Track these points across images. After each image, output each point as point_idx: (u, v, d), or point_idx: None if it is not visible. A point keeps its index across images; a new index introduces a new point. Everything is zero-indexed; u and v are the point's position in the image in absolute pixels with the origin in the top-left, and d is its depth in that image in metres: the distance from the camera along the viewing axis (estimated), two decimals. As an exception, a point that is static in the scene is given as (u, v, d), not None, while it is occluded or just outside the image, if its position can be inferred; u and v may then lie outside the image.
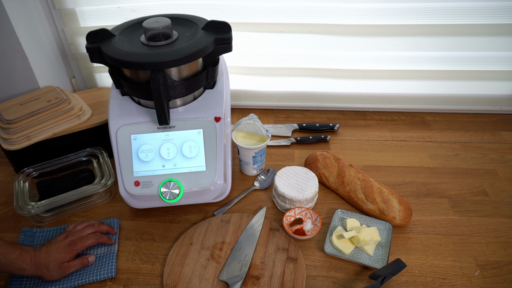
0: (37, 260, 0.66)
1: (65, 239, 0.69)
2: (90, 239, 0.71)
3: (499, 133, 1.03)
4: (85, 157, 0.88)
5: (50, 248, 0.67)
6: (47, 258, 0.66)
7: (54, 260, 0.66)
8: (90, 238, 0.71)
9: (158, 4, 0.96)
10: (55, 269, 0.66)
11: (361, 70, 1.04)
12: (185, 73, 0.72)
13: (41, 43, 0.99)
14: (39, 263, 0.65)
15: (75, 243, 0.69)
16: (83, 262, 0.70)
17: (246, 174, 0.91)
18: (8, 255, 0.63)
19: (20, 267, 0.64)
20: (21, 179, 0.82)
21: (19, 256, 0.64)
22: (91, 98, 0.98)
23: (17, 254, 0.64)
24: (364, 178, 0.81)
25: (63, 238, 0.70)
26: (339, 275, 0.69)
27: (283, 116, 1.11)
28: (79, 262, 0.69)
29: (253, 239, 0.74)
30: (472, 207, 0.82)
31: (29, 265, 0.65)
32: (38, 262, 0.65)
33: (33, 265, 0.65)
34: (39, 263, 0.65)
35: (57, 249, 0.67)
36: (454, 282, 0.68)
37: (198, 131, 0.75)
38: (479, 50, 0.98)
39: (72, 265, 0.68)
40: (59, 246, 0.68)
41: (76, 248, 0.69)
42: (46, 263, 0.66)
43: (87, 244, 0.71)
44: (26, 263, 0.64)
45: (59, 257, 0.67)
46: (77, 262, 0.69)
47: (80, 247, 0.70)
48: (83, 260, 0.70)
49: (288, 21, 0.96)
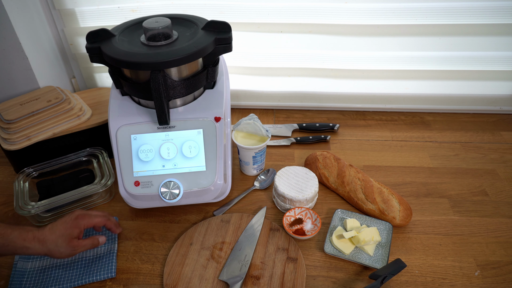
0: (41, 237, 0.63)
1: (72, 214, 0.67)
2: (98, 217, 0.68)
3: (499, 133, 1.03)
4: (85, 157, 0.88)
5: (56, 224, 0.65)
6: (53, 234, 0.63)
7: (62, 235, 0.63)
8: (98, 216, 0.69)
9: (158, 4, 0.96)
10: (63, 245, 0.63)
11: (361, 70, 1.04)
12: (185, 73, 0.72)
13: (41, 43, 0.99)
14: (44, 240, 0.62)
15: (82, 218, 0.66)
16: (94, 242, 0.67)
17: (246, 174, 0.91)
18: (6, 235, 0.61)
19: (22, 246, 0.61)
20: (21, 179, 0.82)
21: (19, 235, 0.61)
22: (91, 98, 0.98)
23: (17, 234, 0.61)
24: (364, 178, 0.81)
25: (70, 213, 0.67)
26: (339, 275, 0.69)
27: (283, 116, 1.11)
28: (90, 242, 0.67)
29: (253, 239, 0.74)
30: (472, 207, 0.82)
31: (32, 242, 0.62)
32: (43, 239, 0.62)
33: (37, 242, 0.62)
34: (43, 239, 0.62)
35: (63, 224, 0.65)
36: (454, 282, 0.68)
37: (198, 131, 0.75)
38: (479, 50, 0.98)
39: (82, 244, 0.66)
40: (65, 221, 0.65)
41: (83, 223, 0.66)
42: (53, 240, 0.63)
43: (94, 222, 0.67)
44: (28, 241, 0.62)
45: (66, 232, 0.64)
46: (87, 241, 0.67)
47: (87, 222, 0.66)
48: (94, 240, 0.67)
49: (288, 21, 0.96)
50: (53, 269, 0.70)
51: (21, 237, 0.61)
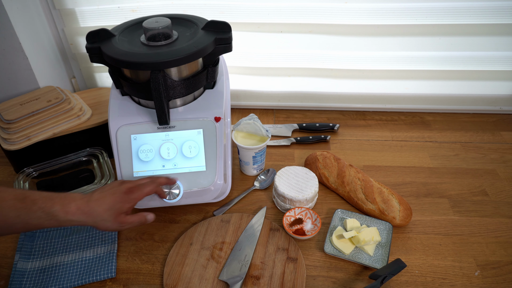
0: (87, 209, 0.59)
1: (120, 186, 0.63)
2: (148, 186, 0.65)
3: (499, 133, 1.03)
4: (85, 157, 0.88)
5: (104, 195, 0.61)
6: (100, 206, 0.60)
7: (110, 209, 0.60)
8: (148, 185, 0.65)
9: (158, 4, 0.96)
10: (110, 219, 0.60)
11: (361, 70, 1.04)
12: (185, 73, 0.72)
13: (41, 43, 0.99)
14: (89, 213, 0.59)
15: (132, 191, 0.63)
16: (141, 219, 0.64)
17: (246, 174, 0.91)
18: (48, 209, 0.57)
19: (65, 220, 0.58)
20: (21, 179, 0.82)
21: (61, 209, 0.57)
22: (91, 98, 0.98)
23: (59, 207, 0.57)
24: (364, 178, 0.81)
25: (117, 184, 0.63)
26: (339, 275, 0.69)
27: (283, 116, 1.11)
28: (137, 219, 0.64)
29: (253, 239, 0.74)
30: (472, 207, 0.82)
31: (76, 215, 0.58)
32: (89, 212, 0.59)
33: (81, 214, 0.59)
34: (89, 212, 0.59)
35: (112, 197, 0.61)
36: (454, 282, 0.68)
37: (198, 131, 0.75)
38: (479, 50, 0.98)
39: (130, 221, 0.63)
40: (114, 193, 0.61)
41: (134, 197, 0.62)
42: (101, 213, 0.59)
43: (145, 192, 0.64)
44: (71, 214, 0.58)
45: (116, 207, 0.60)
46: (136, 218, 0.63)
47: (138, 195, 0.63)
48: (141, 218, 0.64)
49: (288, 21, 0.96)
50: (53, 269, 0.70)
51: (63, 210, 0.58)
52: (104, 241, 0.74)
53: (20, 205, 0.56)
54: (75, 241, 0.75)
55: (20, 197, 0.57)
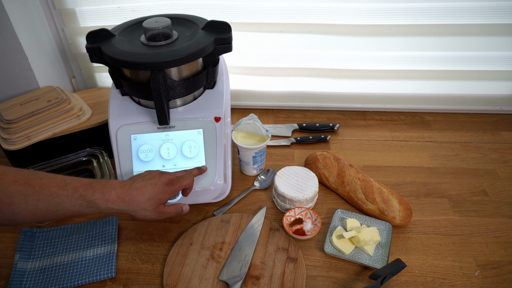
0: (127, 198, 0.60)
1: (161, 177, 0.64)
2: (187, 179, 0.66)
3: (499, 133, 1.03)
4: (85, 157, 0.88)
5: (145, 185, 0.61)
6: (141, 195, 0.60)
7: (151, 199, 0.61)
8: (186, 178, 0.66)
9: (158, 4, 0.96)
10: (150, 209, 0.61)
11: (361, 70, 1.04)
12: (185, 73, 0.72)
13: (41, 43, 0.99)
14: (130, 201, 0.60)
15: (173, 183, 0.64)
16: (178, 210, 0.66)
17: (246, 174, 0.91)
18: (88, 197, 0.58)
19: (106, 207, 0.59)
20: (21, 179, 0.82)
21: (101, 197, 0.58)
22: (91, 98, 0.98)
23: (99, 195, 0.58)
24: (364, 178, 0.81)
25: (158, 175, 0.64)
26: (339, 275, 0.69)
27: (283, 116, 1.11)
28: (174, 210, 0.65)
29: (253, 239, 0.74)
30: (472, 207, 0.82)
31: (117, 203, 0.59)
32: (129, 200, 0.60)
33: (121, 202, 0.59)
34: (130, 201, 0.60)
35: (153, 187, 0.62)
36: (454, 282, 0.68)
37: (198, 131, 0.75)
38: (479, 50, 0.98)
39: (167, 211, 0.64)
40: (155, 184, 0.62)
41: (174, 189, 0.64)
42: (141, 202, 0.60)
43: (184, 185, 0.65)
44: (111, 202, 0.59)
45: (157, 197, 0.61)
46: (173, 209, 0.65)
47: (178, 187, 0.64)
48: (178, 209, 0.66)
49: (288, 21, 0.96)
50: (53, 269, 0.70)
51: (103, 198, 0.58)
52: (104, 241, 0.74)
53: (61, 192, 0.57)
54: (75, 241, 0.75)
55: (62, 184, 0.58)
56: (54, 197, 0.57)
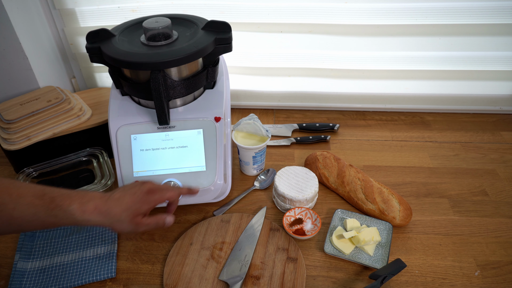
0: (104, 209, 0.56)
1: (142, 186, 0.60)
2: (171, 191, 0.62)
3: (499, 133, 1.03)
4: (85, 157, 0.88)
5: (124, 195, 0.58)
6: (118, 206, 0.57)
7: (128, 209, 0.57)
8: (170, 190, 0.62)
9: (158, 4, 0.96)
10: (127, 220, 0.57)
11: (361, 70, 1.04)
12: (185, 73, 0.72)
13: (41, 43, 0.99)
14: (107, 212, 0.56)
15: (153, 192, 0.60)
16: (159, 222, 0.61)
17: (246, 174, 0.91)
18: (65, 207, 0.54)
19: (82, 219, 0.55)
20: (21, 179, 0.82)
21: (78, 207, 0.55)
22: (91, 98, 0.98)
23: (76, 206, 0.55)
24: (364, 178, 0.81)
25: (139, 184, 0.60)
26: (339, 275, 0.69)
27: (283, 116, 1.11)
28: (154, 221, 0.60)
29: (253, 239, 0.74)
30: (472, 207, 0.82)
31: (93, 214, 0.55)
32: (106, 211, 0.56)
33: (98, 214, 0.56)
34: (107, 212, 0.56)
35: (132, 197, 0.58)
36: (454, 282, 0.68)
37: (198, 131, 0.75)
38: (479, 50, 0.98)
39: (146, 223, 0.59)
40: (134, 193, 0.59)
41: (154, 199, 0.60)
42: (118, 213, 0.57)
43: (166, 196, 0.61)
44: (88, 213, 0.55)
45: (134, 207, 0.57)
46: (152, 220, 0.60)
47: (159, 198, 0.60)
48: (159, 220, 0.61)
49: (288, 21, 0.96)
50: (53, 269, 0.70)
51: (81, 209, 0.55)
52: (104, 241, 0.74)
53: (38, 202, 0.54)
54: (75, 241, 0.75)
55: (39, 194, 0.55)
56: (30, 206, 0.54)
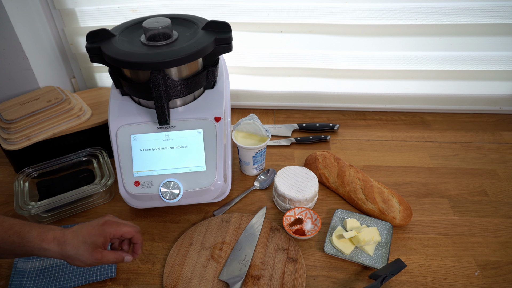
0: (62, 239, 0.56)
1: (100, 219, 0.61)
2: (127, 227, 0.62)
3: (499, 133, 1.03)
4: (85, 157, 0.88)
5: (81, 227, 0.59)
6: (75, 237, 0.57)
7: (84, 242, 0.57)
8: (128, 226, 0.62)
9: (158, 4, 0.96)
10: (85, 254, 0.57)
11: (361, 70, 1.04)
12: (185, 73, 0.72)
13: (41, 43, 0.99)
14: (64, 243, 0.56)
15: (109, 225, 0.60)
16: (118, 258, 0.61)
17: (246, 174, 0.91)
18: (23, 234, 0.55)
19: (39, 247, 0.55)
20: (21, 179, 0.82)
21: (37, 235, 0.55)
22: (91, 98, 0.98)
23: (35, 233, 0.55)
24: (364, 178, 0.81)
25: (99, 218, 0.62)
26: (339, 275, 0.69)
27: (283, 116, 1.11)
28: (113, 257, 0.60)
29: (253, 239, 0.74)
30: (472, 207, 0.82)
31: (51, 244, 0.56)
32: (63, 241, 0.56)
33: (56, 244, 0.56)
34: (64, 242, 0.56)
35: (88, 228, 0.58)
36: (454, 282, 0.68)
37: (198, 131, 0.75)
38: (479, 50, 0.98)
39: (105, 255, 0.59)
40: (91, 225, 0.59)
41: (109, 231, 0.59)
42: (75, 244, 0.56)
43: (122, 231, 0.61)
44: (46, 242, 0.55)
45: (90, 239, 0.57)
46: (111, 255, 0.60)
47: (114, 231, 0.60)
48: (118, 256, 0.61)
49: (288, 21, 0.96)
50: (53, 269, 0.70)
51: (39, 237, 0.56)
52: (104, 241, 0.74)
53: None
54: (75, 241, 0.75)
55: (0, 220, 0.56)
56: None
